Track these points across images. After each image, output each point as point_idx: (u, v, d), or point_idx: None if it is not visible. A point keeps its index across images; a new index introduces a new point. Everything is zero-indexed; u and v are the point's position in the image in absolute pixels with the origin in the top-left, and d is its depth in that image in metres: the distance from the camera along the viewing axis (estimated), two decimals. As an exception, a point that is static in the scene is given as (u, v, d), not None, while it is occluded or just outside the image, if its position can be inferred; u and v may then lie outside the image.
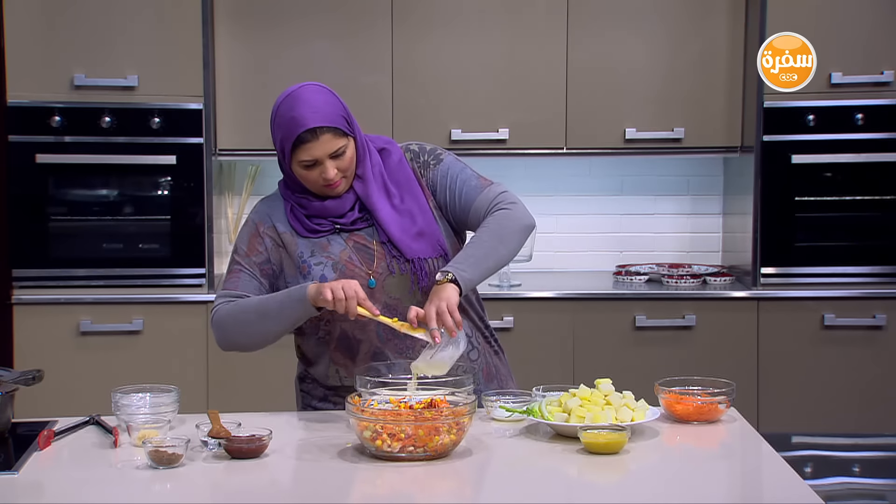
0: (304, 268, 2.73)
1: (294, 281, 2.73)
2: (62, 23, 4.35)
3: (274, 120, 2.67)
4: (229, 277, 2.77)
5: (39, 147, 4.37)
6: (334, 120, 2.65)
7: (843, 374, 4.49)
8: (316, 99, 2.65)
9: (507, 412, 2.63)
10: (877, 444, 3.58)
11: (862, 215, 4.53)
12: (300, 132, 2.62)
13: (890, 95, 4.46)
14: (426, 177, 2.81)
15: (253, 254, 2.76)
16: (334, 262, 2.72)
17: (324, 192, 2.72)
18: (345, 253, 2.73)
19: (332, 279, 2.69)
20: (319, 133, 2.63)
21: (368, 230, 2.75)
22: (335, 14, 4.56)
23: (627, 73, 4.63)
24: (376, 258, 2.73)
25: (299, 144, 2.63)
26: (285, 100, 2.67)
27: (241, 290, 2.74)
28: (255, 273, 2.75)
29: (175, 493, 2.24)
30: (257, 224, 2.78)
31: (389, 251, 2.73)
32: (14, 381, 2.64)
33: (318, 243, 2.74)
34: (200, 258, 4.44)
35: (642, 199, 5.01)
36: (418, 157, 2.83)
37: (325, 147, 2.64)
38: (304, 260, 2.73)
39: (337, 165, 2.67)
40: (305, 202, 2.74)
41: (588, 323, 4.47)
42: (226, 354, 4.39)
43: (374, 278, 2.72)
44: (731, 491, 2.35)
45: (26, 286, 4.38)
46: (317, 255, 2.73)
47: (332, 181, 2.68)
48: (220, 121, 4.56)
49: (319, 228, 2.75)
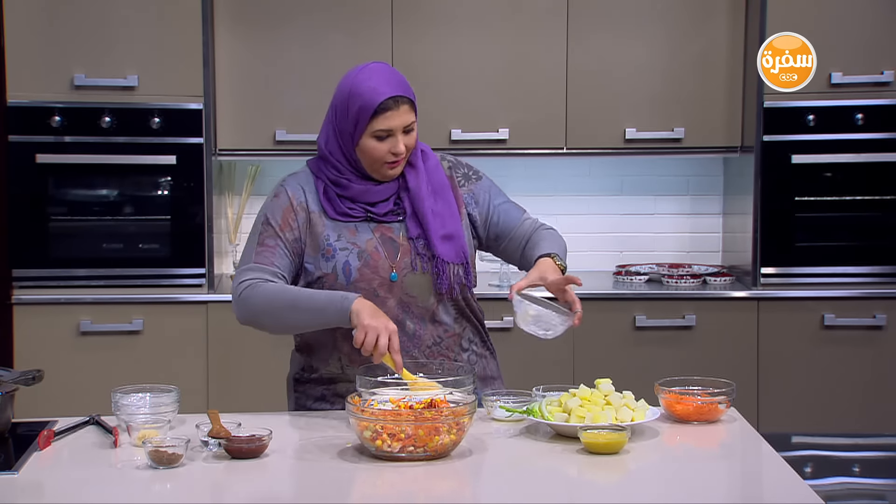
0: (328, 251, 2.72)
1: (315, 263, 2.72)
2: (62, 22, 4.35)
3: (349, 91, 2.68)
4: (261, 250, 2.71)
5: (39, 147, 4.37)
6: (411, 94, 2.70)
7: (843, 374, 4.49)
8: (392, 72, 2.72)
9: (507, 412, 2.64)
10: (877, 444, 3.58)
11: (862, 215, 4.53)
12: (383, 99, 2.64)
13: (890, 95, 4.46)
14: (465, 187, 2.84)
15: (286, 229, 2.73)
16: (360, 251, 2.71)
17: (382, 172, 2.71)
18: (371, 242, 2.73)
19: (356, 267, 2.70)
20: (400, 102, 2.67)
21: (397, 225, 2.76)
22: (335, 14, 4.56)
23: (627, 73, 4.63)
24: (401, 253, 2.74)
25: (381, 112, 2.65)
26: (362, 71, 2.70)
27: (276, 267, 2.70)
28: (288, 250, 2.72)
29: (175, 493, 2.24)
30: (291, 197, 2.75)
31: (415, 248, 2.74)
32: (14, 381, 2.64)
33: (346, 228, 2.73)
34: (200, 258, 4.44)
35: (642, 199, 5.01)
36: (457, 168, 2.87)
37: (403, 118, 2.67)
38: (329, 243, 2.72)
39: (405, 142, 2.69)
40: (346, 182, 2.73)
41: (588, 323, 4.44)
42: (226, 354, 4.42)
43: (395, 272, 2.72)
44: (731, 491, 2.35)
45: (26, 286, 4.38)
46: (343, 239, 2.72)
47: (401, 156, 2.69)
48: (220, 121, 4.56)
49: (351, 213, 2.74)
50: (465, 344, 2.84)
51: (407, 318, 2.75)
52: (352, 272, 2.71)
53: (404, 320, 2.74)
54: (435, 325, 2.78)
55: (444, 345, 2.79)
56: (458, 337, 2.82)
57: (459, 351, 2.82)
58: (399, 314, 2.74)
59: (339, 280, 2.71)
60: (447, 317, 2.80)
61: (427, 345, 2.77)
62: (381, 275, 2.72)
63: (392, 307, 2.73)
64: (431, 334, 2.78)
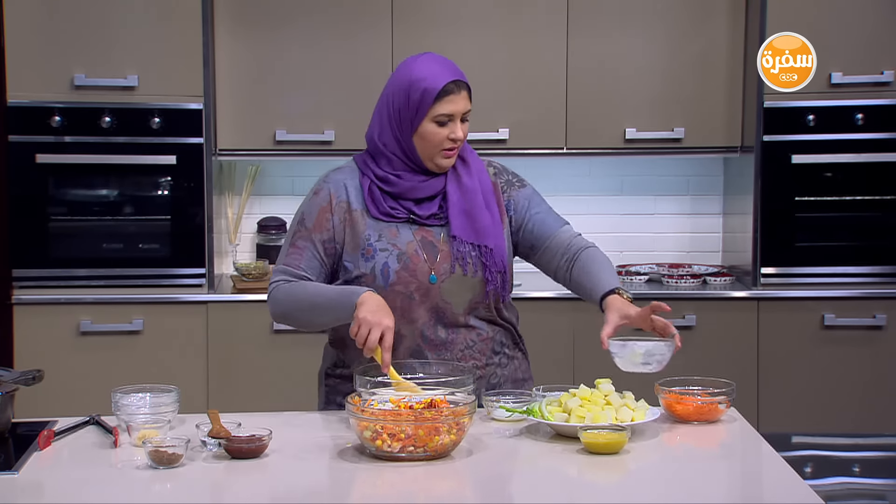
0: (368, 251, 2.72)
1: (354, 262, 2.73)
2: (62, 22, 4.35)
3: (410, 77, 2.69)
4: (292, 252, 2.75)
5: (39, 147, 4.37)
6: (468, 82, 2.73)
7: (843, 374, 4.49)
8: (448, 61, 2.74)
9: (507, 412, 2.63)
10: (877, 444, 3.58)
11: (862, 215, 4.53)
12: (446, 82, 2.66)
13: (890, 95, 4.46)
14: (507, 193, 2.84)
15: (319, 230, 2.74)
16: (400, 253, 2.72)
17: (437, 161, 2.72)
18: (412, 245, 2.73)
19: (394, 269, 2.70)
20: (461, 87, 2.70)
21: (438, 229, 2.75)
22: (335, 14, 4.56)
23: (627, 73, 4.63)
24: (440, 257, 2.74)
25: (444, 95, 2.67)
26: (419, 58, 2.72)
27: (302, 270, 2.74)
28: (318, 252, 2.74)
29: (175, 493, 2.24)
30: (331, 195, 2.76)
31: (456, 253, 2.73)
32: (14, 381, 2.64)
33: (387, 228, 2.74)
34: (200, 258, 4.44)
35: (642, 199, 5.01)
36: (502, 173, 2.87)
37: (463, 103, 2.70)
38: (370, 243, 2.73)
39: (463, 130, 2.71)
40: (395, 178, 2.73)
41: (588, 323, 4.45)
42: (226, 354, 4.42)
43: (435, 275, 2.72)
44: (731, 491, 2.35)
45: (26, 286, 4.38)
46: (384, 240, 2.72)
47: (459, 142, 2.71)
48: (220, 121, 4.56)
49: (394, 213, 2.74)
50: (497, 347, 2.84)
51: (439, 323, 2.75)
52: (390, 274, 2.71)
53: (436, 326, 2.74)
54: (468, 330, 2.78)
55: (476, 349, 2.79)
56: (490, 341, 2.81)
57: (491, 354, 2.82)
58: (431, 319, 2.74)
59: (378, 282, 2.71)
60: (480, 322, 2.79)
61: (459, 349, 2.77)
62: (418, 278, 2.72)
63: (425, 312, 2.73)
64: (464, 339, 2.77)
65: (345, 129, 4.51)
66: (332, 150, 4.54)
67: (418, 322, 2.73)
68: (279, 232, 4.80)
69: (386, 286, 2.70)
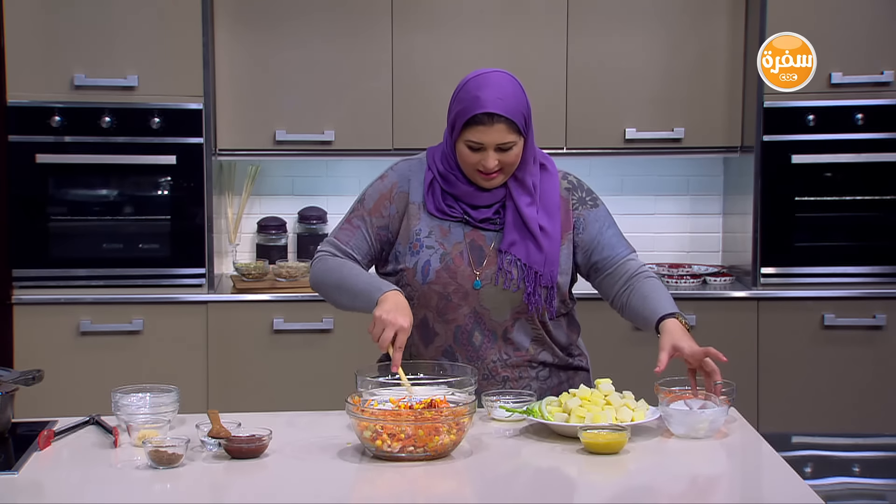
0: (415, 245, 2.73)
1: (402, 252, 2.74)
2: (62, 22, 4.35)
3: (458, 93, 2.69)
4: (345, 227, 2.78)
5: (39, 147, 4.37)
6: (514, 114, 2.66)
7: (843, 374, 4.49)
8: (505, 88, 2.68)
9: (507, 412, 2.63)
10: (877, 444, 3.58)
11: (862, 215, 4.53)
12: (477, 112, 2.64)
13: (890, 95, 4.46)
14: (578, 211, 2.80)
15: (376, 214, 2.76)
16: (444, 253, 2.72)
17: (475, 179, 2.71)
18: (458, 246, 2.72)
19: (434, 269, 2.70)
20: (495, 120, 2.64)
21: (491, 234, 2.74)
22: (335, 14, 4.56)
23: (627, 73, 4.63)
24: (486, 262, 2.73)
25: (473, 124, 2.64)
26: (476, 77, 2.70)
27: (349, 247, 2.76)
28: (370, 234, 2.76)
29: (175, 493, 2.24)
30: (394, 184, 2.78)
31: (502, 262, 2.71)
32: (14, 381, 2.64)
33: (439, 226, 2.74)
34: (200, 258, 4.44)
35: (642, 199, 5.01)
36: (576, 189, 2.82)
37: (496, 136, 2.65)
38: (418, 238, 2.73)
39: (500, 158, 2.67)
40: (454, 179, 2.72)
41: (588, 323, 4.46)
42: (226, 354, 4.42)
43: (479, 280, 2.72)
44: (731, 491, 2.35)
45: (26, 286, 4.38)
46: (432, 237, 2.73)
47: (489, 171, 2.67)
48: (220, 121, 4.56)
49: (449, 212, 2.74)
50: (536, 364, 2.82)
51: (477, 329, 2.74)
52: (430, 273, 2.71)
53: (473, 331, 2.74)
54: (505, 343, 2.76)
55: (510, 363, 2.77)
56: (530, 359, 2.79)
57: (528, 369, 2.80)
58: (470, 324, 2.73)
59: (417, 277, 2.72)
60: (523, 337, 2.77)
61: (491, 359, 2.76)
62: (458, 281, 2.71)
63: (464, 315, 2.73)
64: (499, 351, 2.76)
65: (345, 129, 4.51)
66: (331, 150, 4.54)
67: (454, 323, 2.73)
68: (279, 232, 4.80)
69: (423, 283, 2.71)
